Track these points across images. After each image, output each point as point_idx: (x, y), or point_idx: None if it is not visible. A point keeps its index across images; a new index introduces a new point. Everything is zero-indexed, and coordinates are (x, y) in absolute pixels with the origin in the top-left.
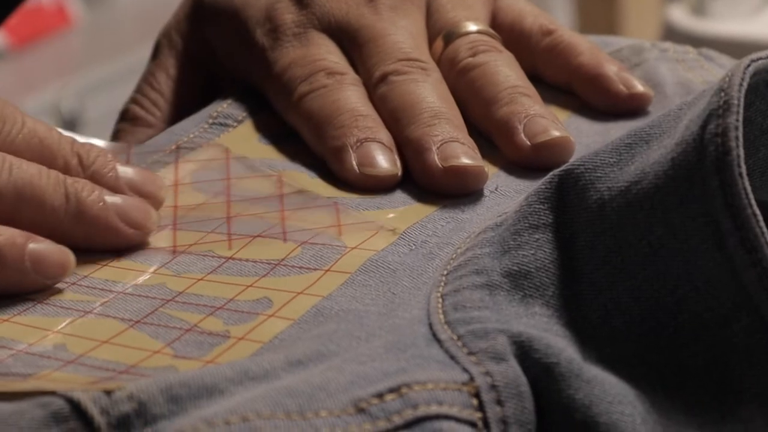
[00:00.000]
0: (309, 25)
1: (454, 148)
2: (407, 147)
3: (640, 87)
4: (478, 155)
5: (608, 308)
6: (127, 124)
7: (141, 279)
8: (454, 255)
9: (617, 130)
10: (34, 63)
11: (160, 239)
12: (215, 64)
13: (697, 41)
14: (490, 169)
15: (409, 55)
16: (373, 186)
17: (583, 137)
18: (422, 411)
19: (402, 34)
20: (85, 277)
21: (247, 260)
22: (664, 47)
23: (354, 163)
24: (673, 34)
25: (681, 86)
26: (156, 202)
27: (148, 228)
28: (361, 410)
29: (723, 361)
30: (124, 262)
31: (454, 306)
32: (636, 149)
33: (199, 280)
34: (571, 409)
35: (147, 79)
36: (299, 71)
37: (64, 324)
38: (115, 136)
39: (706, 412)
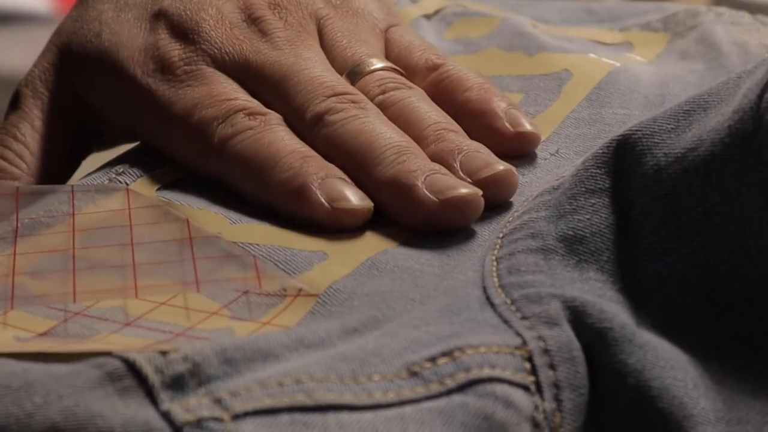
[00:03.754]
0: (200, 61)
1: (443, 179)
2: (382, 189)
3: (527, 126)
4: (462, 181)
5: (663, 274)
6: None
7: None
8: (511, 218)
9: (675, 83)
10: None
11: None
12: (88, 115)
13: (752, 8)
14: (547, 128)
15: (335, 90)
16: (347, 221)
17: (641, 87)
18: (475, 374)
19: (317, 68)
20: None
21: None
22: (720, 11)
23: (322, 199)
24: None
25: (737, 46)
26: None
27: None
28: (414, 374)
29: None
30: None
31: (508, 269)
32: (694, 116)
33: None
34: (623, 373)
35: (8, 131)
36: (212, 112)
37: None
38: None
39: (759, 379)
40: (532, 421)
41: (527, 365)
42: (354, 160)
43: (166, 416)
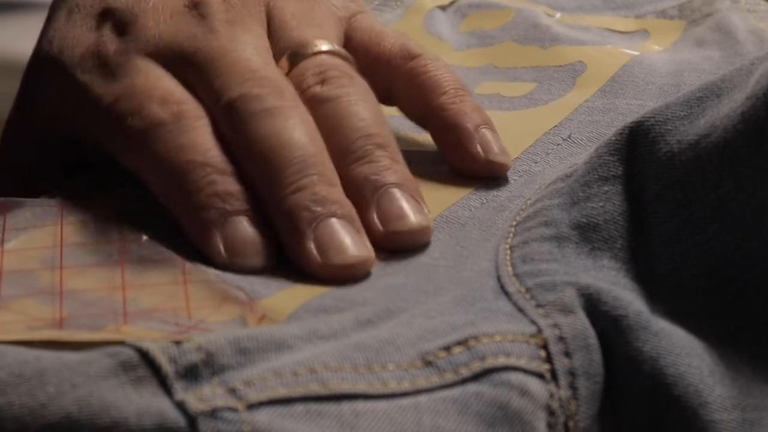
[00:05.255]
0: (133, 53)
1: (333, 230)
2: (277, 219)
3: (498, 156)
4: (358, 227)
5: (676, 262)
6: None
7: None
8: (524, 206)
9: (690, 71)
10: None
11: None
12: (53, 126)
13: None
14: (560, 114)
15: (256, 74)
16: (245, 271)
17: (656, 77)
18: (490, 363)
19: (244, 50)
20: None
21: None
22: None
23: (221, 247)
24: None
25: (753, 34)
26: None
27: None
28: (428, 363)
29: None
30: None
31: (522, 258)
32: (707, 103)
33: None
34: (638, 361)
35: None
36: (128, 104)
37: None
38: None
39: None
40: (548, 409)
41: (542, 353)
42: (258, 170)
43: (180, 406)
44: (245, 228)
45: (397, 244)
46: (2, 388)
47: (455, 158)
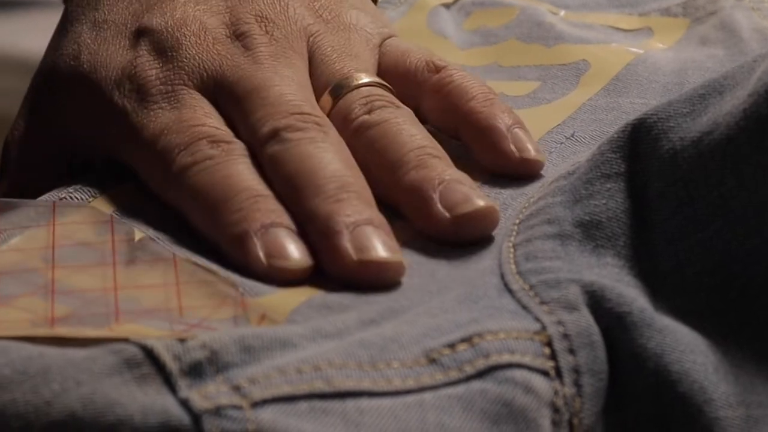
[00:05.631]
0: (178, 81)
1: (368, 235)
2: (311, 224)
3: (532, 152)
4: (393, 239)
5: (679, 259)
6: None
7: None
8: (527, 204)
9: (694, 69)
10: None
11: None
12: (76, 146)
13: None
14: (563, 113)
15: (301, 109)
16: (282, 279)
17: (659, 76)
18: (494, 360)
19: (289, 85)
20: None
21: None
22: None
23: (261, 253)
24: None
25: (757, 32)
26: None
27: None
28: (432, 361)
29: None
30: None
31: (525, 256)
32: (709, 100)
33: None
34: (642, 357)
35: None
36: (176, 138)
37: None
38: None
39: None
40: (552, 406)
41: (546, 350)
42: (293, 186)
43: (184, 404)
44: (284, 235)
45: (465, 231)
46: (6, 386)
47: (489, 159)
